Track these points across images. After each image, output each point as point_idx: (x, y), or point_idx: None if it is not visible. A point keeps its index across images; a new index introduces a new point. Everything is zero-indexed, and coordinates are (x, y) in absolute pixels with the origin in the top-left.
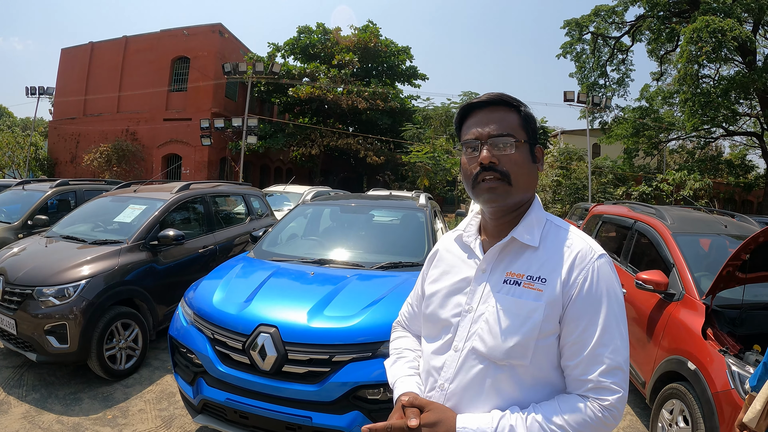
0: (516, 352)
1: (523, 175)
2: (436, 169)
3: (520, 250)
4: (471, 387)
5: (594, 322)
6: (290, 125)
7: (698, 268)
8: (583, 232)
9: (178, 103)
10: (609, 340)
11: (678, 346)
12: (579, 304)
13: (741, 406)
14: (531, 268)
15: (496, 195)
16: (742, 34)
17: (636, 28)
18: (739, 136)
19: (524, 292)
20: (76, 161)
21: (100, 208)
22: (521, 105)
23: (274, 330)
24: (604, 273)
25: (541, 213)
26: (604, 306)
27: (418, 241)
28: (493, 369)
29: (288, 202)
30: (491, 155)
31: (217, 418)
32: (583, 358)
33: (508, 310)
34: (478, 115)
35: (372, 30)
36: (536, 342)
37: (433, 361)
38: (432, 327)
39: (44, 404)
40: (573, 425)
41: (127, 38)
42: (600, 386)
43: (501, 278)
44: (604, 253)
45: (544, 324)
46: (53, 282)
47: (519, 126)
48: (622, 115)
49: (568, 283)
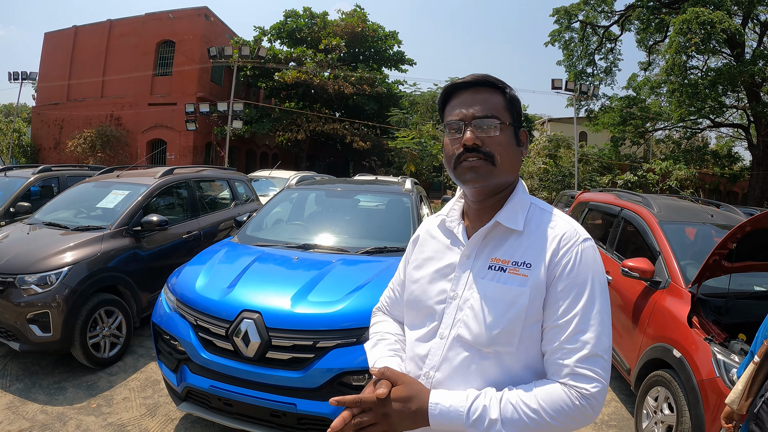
0: (502, 339)
1: (507, 156)
2: (422, 154)
3: (505, 235)
4: (457, 375)
5: (574, 306)
6: (276, 110)
7: (684, 257)
8: (568, 216)
9: (163, 88)
10: (588, 325)
11: (663, 334)
12: (560, 286)
13: (726, 394)
14: (516, 254)
15: (478, 175)
16: (732, 27)
17: (625, 18)
18: (726, 127)
19: (509, 278)
20: (60, 147)
21: (82, 194)
22: (506, 87)
23: (257, 316)
24: (587, 257)
25: (525, 196)
26: (587, 290)
27: (403, 226)
28: (478, 356)
29: (273, 187)
30: (475, 136)
31: (201, 406)
32: (562, 342)
33: (493, 296)
34: (463, 96)
35: (359, 15)
36: (522, 328)
37: (417, 348)
38: (416, 314)
39: (28, 394)
40: (548, 411)
41: (111, 22)
42: (578, 373)
43: (486, 264)
44: (588, 237)
45: (529, 309)
46: (35, 269)
47: (504, 108)
48: (609, 104)
49: (552, 265)
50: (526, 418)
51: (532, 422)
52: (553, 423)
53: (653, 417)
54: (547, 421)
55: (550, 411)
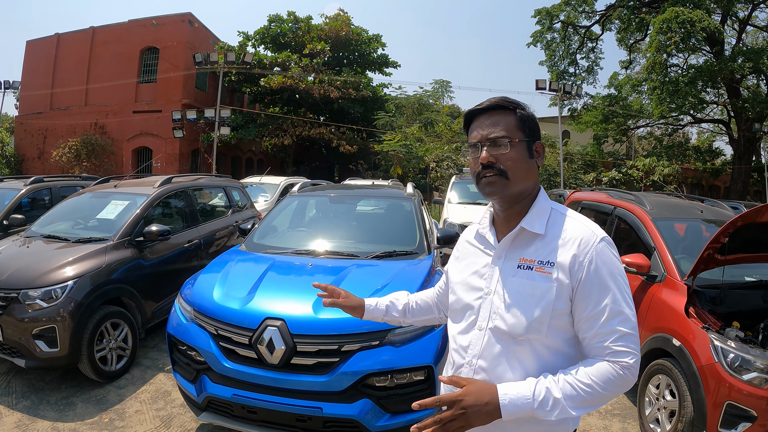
0: (533, 328)
1: (519, 170)
2: (408, 157)
3: (530, 238)
4: (496, 360)
5: (603, 298)
6: (262, 115)
7: (677, 251)
8: (585, 218)
9: (148, 95)
10: (619, 312)
11: (662, 325)
12: (587, 284)
13: (725, 379)
14: (541, 254)
15: (494, 188)
16: (711, 25)
17: (606, 18)
18: (707, 123)
19: (537, 276)
20: (44, 157)
21: (80, 205)
22: (518, 107)
23: (281, 323)
24: (606, 254)
25: (545, 203)
26: (611, 283)
27: (409, 230)
28: (513, 344)
29: (264, 193)
30: (489, 155)
31: (223, 415)
32: (598, 329)
33: (524, 291)
34: (480, 119)
35: (343, 18)
36: (550, 318)
37: (459, 340)
38: (458, 311)
39: (36, 411)
40: (599, 383)
41: (94, 29)
42: (617, 351)
43: (515, 264)
44: (605, 235)
45: (556, 302)
46: (39, 284)
47: (515, 127)
48: (591, 103)
49: (575, 266)
50: (582, 393)
51: (587, 395)
52: (604, 392)
53: (656, 404)
54: (600, 392)
55: (600, 383)
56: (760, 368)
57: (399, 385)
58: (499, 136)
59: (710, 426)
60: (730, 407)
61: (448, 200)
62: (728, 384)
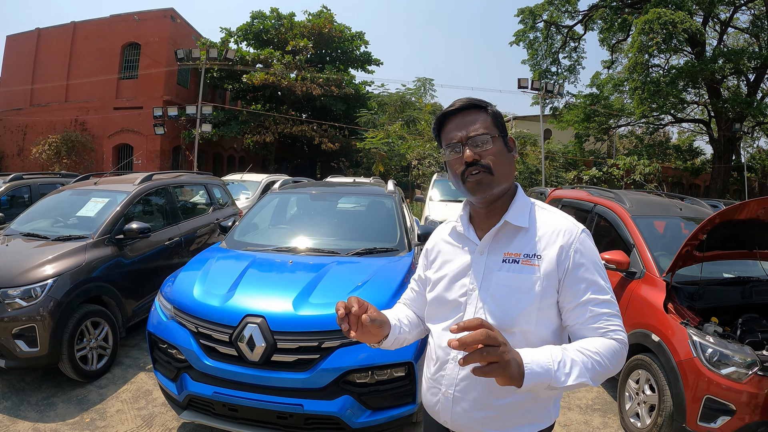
0: (522, 320)
1: (502, 164)
2: (390, 154)
3: (514, 232)
4: None
5: (592, 284)
6: (244, 112)
7: (656, 248)
8: (562, 212)
9: (129, 92)
10: (605, 295)
11: (641, 320)
12: (575, 273)
13: (704, 373)
14: (526, 247)
15: (482, 186)
16: (693, 27)
17: (589, 18)
18: (687, 123)
19: (523, 269)
20: (23, 154)
21: (60, 203)
22: (488, 105)
23: (261, 320)
24: (588, 244)
25: (525, 198)
26: (595, 270)
27: (390, 228)
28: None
29: (246, 190)
30: (473, 153)
31: (204, 413)
32: (590, 315)
33: (511, 285)
34: (455, 121)
35: (326, 15)
36: (538, 309)
37: (444, 339)
38: (440, 309)
39: (17, 412)
40: (606, 355)
41: (75, 24)
42: (611, 329)
43: (500, 258)
44: (584, 228)
45: (543, 293)
46: (19, 282)
47: (491, 124)
48: (573, 102)
49: (562, 257)
50: (593, 361)
51: (597, 365)
52: (609, 365)
53: (636, 398)
54: (606, 364)
55: (607, 355)
56: (738, 363)
57: (380, 382)
58: (479, 133)
59: (689, 420)
60: (709, 401)
61: (430, 198)
62: (707, 378)
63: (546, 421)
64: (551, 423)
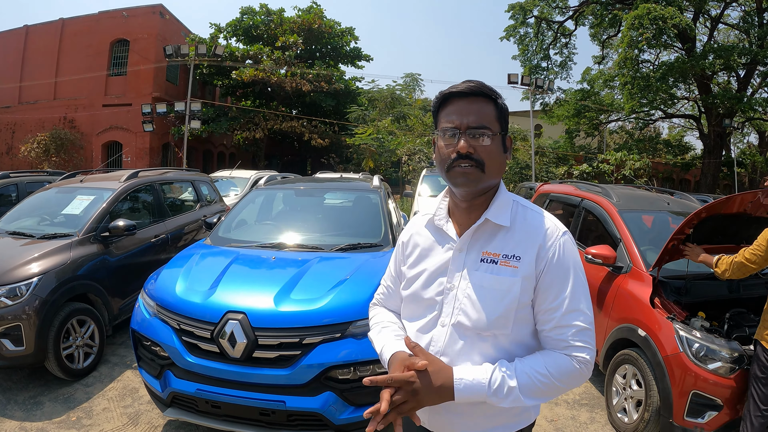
0: (498, 323)
1: (494, 163)
2: (380, 150)
3: (494, 231)
4: (460, 357)
5: (563, 291)
6: (233, 109)
7: (643, 243)
8: (546, 212)
9: (118, 88)
10: (576, 305)
11: (628, 315)
12: (550, 276)
13: (690, 368)
14: (506, 247)
15: (468, 180)
16: (683, 22)
17: (579, 13)
18: (678, 118)
19: (501, 269)
20: (12, 152)
21: (46, 201)
22: (499, 97)
23: (242, 316)
24: (568, 248)
25: (507, 195)
26: (571, 276)
27: (374, 223)
28: (478, 339)
29: (235, 187)
30: (468, 145)
31: (187, 410)
32: (557, 322)
33: (488, 286)
34: (458, 104)
35: (316, 11)
36: (515, 312)
37: (419, 338)
38: (415, 307)
39: (4, 411)
40: (555, 374)
41: (63, 20)
42: (574, 345)
43: (478, 257)
44: (567, 230)
45: (521, 297)
46: (4, 281)
47: (495, 118)
48: (563, 97)
49: (539, 257)
50: (538, 383)
51: (543, 385)
52: (559, 385)
53: (623, 393)
54: (555, 384)
55: (557, 375)
56: (725, 358)
57: (362, 378)
58: (481, 126)
59: (676, 415)
60: (696, 396)
61: (419, 193)
62: (693, 373)
63: (525, 420)
64: (531, 421)
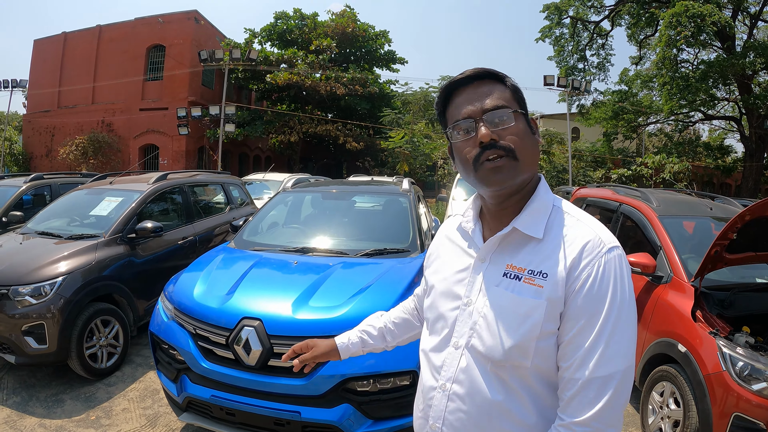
0: (515, 354)
1: (527, 147)
2: (415, 153)
3: (523, 241)
4: (475, 388)
5: (592, 325)
6: (268, 112)
7: (685, 250)
8: (594, 219)
9: (154, 93)
10: (604, 351)
11: (667, 329)
12: (579, 303)
13: (733, 389)
14: (533, 262)
15: (503, 175)
16: (722, 20)
17: (615, 13)
18: (718, 120)
19: (524, 288)
20: (51, 155)
21: (75, 202)
22: (506, 77)
23: (258, 323)
24: (611, 269)
25: (547, 197)
26: (606, 309)
27: (402, 227)
28: (495, 369)
29: (268, 190)
30: (490, 131)
31: (202, 416)
32: (570, 372)
33: (506, 307)
34: (465, 93)
35: (349, 15)
36: (537, 343)
37: (432, 358)
38: (431, 320)
39: (25, 408)
40: None
41: (101, 27)
42: (574, 422)
43: (501, 270)
44: (615, 245)
45: (545, 324)
46: (29, 280)
47: (511, 98)
48: (601, 99)
49: (571, 279)
50: None
51: None
52: None
53: (659, 412)
54: None
55: None
56: None
57: (382, 390)
58: (499, 105)
59: None
60: (738, 419)
61: (453, 197)
62: (736, 394)
63: None
64: None
